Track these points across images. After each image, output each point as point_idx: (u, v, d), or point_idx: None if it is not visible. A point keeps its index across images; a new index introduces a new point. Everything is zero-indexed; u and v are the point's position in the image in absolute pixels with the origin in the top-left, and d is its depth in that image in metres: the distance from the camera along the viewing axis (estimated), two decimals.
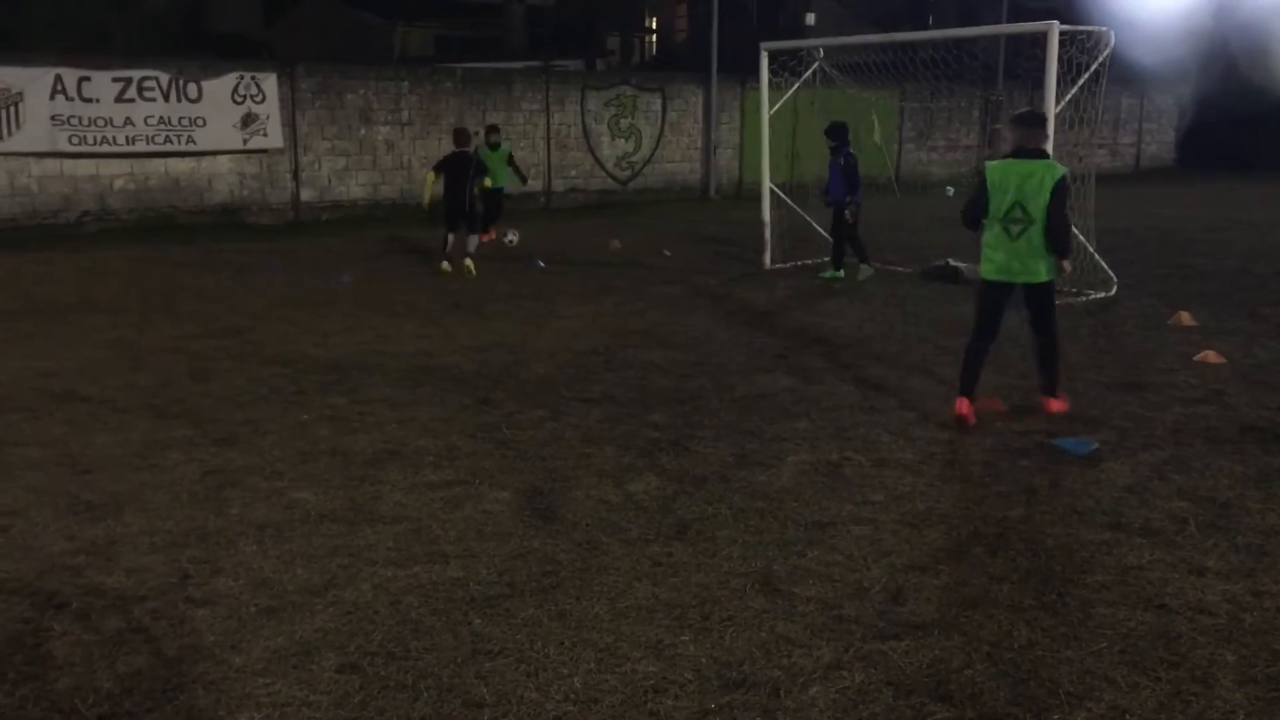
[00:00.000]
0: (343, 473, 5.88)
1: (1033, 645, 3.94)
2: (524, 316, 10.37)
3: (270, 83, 18.18)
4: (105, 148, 16.82)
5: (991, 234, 6.63)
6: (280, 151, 18.54)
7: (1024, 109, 7.21)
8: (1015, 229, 6.51)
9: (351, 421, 6.85)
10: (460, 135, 13.42)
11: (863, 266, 12.49)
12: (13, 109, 16.05)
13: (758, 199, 14.13)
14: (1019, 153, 6.56)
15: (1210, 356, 8.38)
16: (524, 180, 17.05)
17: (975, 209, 6.67)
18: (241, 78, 17.90)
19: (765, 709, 3.53)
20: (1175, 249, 15.09)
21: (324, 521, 5.17)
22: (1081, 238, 11.09)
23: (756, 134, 13.97)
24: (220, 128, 17.77)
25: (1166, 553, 4.78)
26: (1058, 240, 6.49)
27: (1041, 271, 6.58)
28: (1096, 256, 11.20)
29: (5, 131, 16.09)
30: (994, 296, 6.74)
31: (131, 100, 16.91)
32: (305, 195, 18.96)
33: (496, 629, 4.08)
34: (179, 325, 9.88)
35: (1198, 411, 6.99)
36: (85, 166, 16.86)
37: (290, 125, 18.58)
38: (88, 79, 16.49)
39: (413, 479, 5.77)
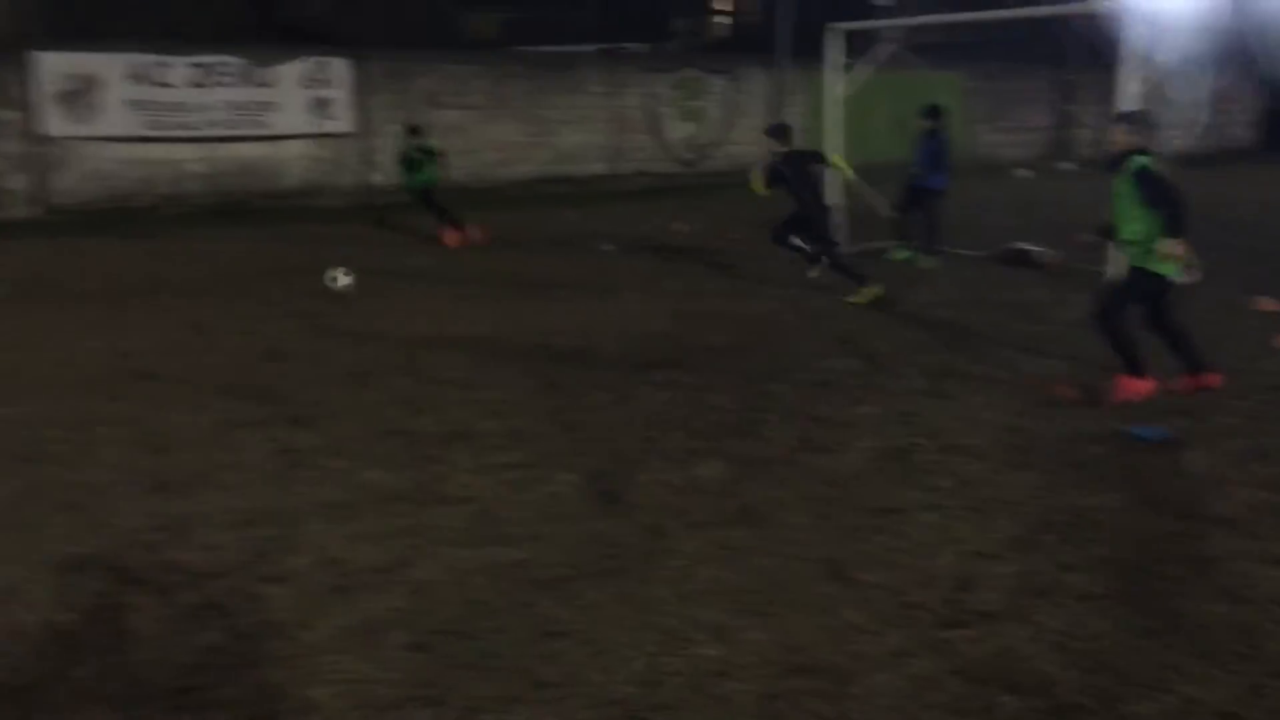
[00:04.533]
0: (411, 453, 5.95)
1: (1103, 636, 3.88)
2: (590, 300, 10.39)
3: (341, 68, 18.40)
4: (181, 132, 17.15)
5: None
6: (351, 136, 18.76)
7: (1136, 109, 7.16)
8: None
9: (418, 403, 6.92)
10: (783, 131, 10.60)
11: (925, 255, 12.29)
12: (93, 95, 16.43)
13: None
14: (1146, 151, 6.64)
15: None
16: None
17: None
18: (313, 63, 18.13)
19: (830, 695, 3.52)
20: (1253, 232, 14.68)
21: (392, 501, 5.24)
22: None
23: (825, 117, 13.82)
24: (292, 113, 18.03)
25: (1244, 543, 4.67)
26: None
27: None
28: None
29: (86, 117, 16.48)
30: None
31: (207, 86, 17.21)
32: (375, 179, 19.17)
33: (562, 611, 4.11)
34: (251, 306, 10.05)
35: (1278, 399, 6.81)
36: (161, 151, 17.19)
37: (360, 110, 18.79)
38: (165, 65, 16.82)
39: (480, 460, 5.82)
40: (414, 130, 14.71)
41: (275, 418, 6.59)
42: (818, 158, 10.79)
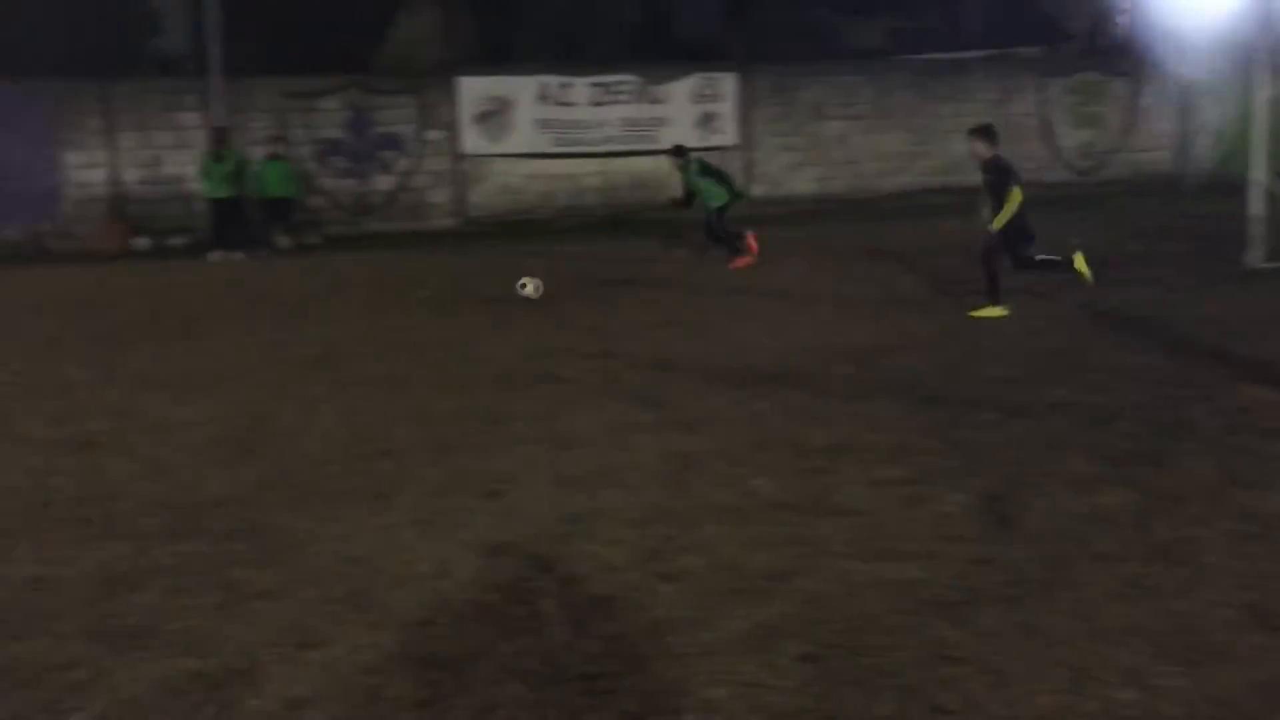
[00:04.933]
0: (797, 463, 5.99)
1: None
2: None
3: (729, 83, 18.94)
4: (580, 148, 18.30)
5: None
6: (735, 149, 19.22)
7: None
8: None
9: (802, 413, 6.96)
10: (991, 132, 10.92)
11: None
12: (505, 115, 17.90)
13: (1239, 191, 12.71)
14: None
15: None
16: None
17: None
18: (702, 79, 18.78)
19: None
20: None
21: (781, 510, 5.29)
22: None
23: (1251, 119, 12.56)
24: (681, 128, 18.73)
25: None
26: None
27: None
28: None
29: (498, 135, 17.97)
30: None
31: (604, 104, 18.27)
32: (756, 190, 19.52)
33: (958, 634, 3.97)
34: (643, 313, 10.53)
35: None
36: (563, 166, 18.44)
37: (744, 123, 19.22)
38: (568, 85, 18.03)
39: (866, 474, 5.77)
40: (677, 151, 14.56)
41: (667, 422, 6.85)
42: (1012, 178, 10.47)
